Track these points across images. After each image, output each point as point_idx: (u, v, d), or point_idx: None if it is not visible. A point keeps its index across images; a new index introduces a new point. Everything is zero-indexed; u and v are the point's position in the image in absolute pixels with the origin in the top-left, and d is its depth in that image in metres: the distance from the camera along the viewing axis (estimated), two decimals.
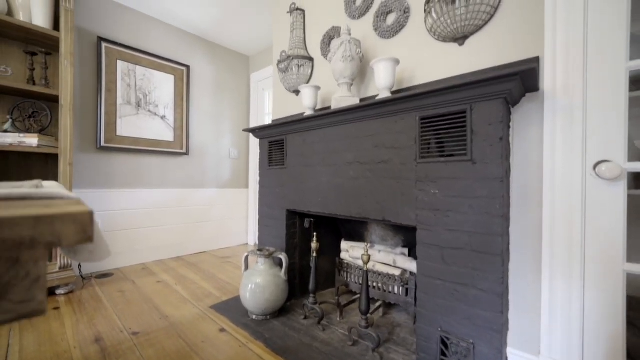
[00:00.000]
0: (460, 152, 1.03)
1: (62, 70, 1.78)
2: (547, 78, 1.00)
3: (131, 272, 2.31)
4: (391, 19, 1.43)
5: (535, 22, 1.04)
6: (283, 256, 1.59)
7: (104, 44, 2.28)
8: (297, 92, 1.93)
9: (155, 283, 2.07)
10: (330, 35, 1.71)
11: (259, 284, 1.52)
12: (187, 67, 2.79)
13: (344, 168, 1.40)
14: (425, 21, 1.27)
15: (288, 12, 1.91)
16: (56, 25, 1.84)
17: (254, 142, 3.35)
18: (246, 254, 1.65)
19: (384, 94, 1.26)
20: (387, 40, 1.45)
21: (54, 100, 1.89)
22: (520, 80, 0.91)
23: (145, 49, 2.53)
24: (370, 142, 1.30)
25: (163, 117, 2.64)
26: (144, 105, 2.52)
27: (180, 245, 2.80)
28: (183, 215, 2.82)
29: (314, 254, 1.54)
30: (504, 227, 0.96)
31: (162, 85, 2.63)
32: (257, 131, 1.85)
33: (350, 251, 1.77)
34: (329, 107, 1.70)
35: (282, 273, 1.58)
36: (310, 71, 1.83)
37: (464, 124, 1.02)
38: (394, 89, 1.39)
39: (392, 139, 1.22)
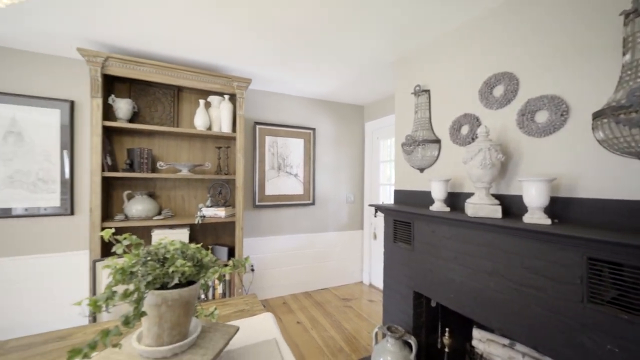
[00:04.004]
0: None
1: (237, 161, 2.43)
2: None
3: (276, 305, 2.88)
4: (541, 117, 1.31)
5: None
6: (413, 341, 1.68)
7: (257, 127, 2.94)
8: (421, 169, 1.97)
9: (296, 324, 2.52)
10: (461, 122, 1.68)
11: None
12: (313, 129, 3.25)
13: (482, 275, 1.37)
14: (593, 130, 1.12)
15: (412, 93, 1.99)
16: (233, 126, 2.51)
17: (368, 186, 3.55)
18: (375, 329, 1.82)
19: (537, 215, 1.17)
20: (535, 139, 1.33)
21: (231, 177, 2.60)
22: None
23: (283, 123, 3.11)
24: (516, 260, 1.23)
25: (296, 175, 3.17)
26: (283, 168, 3.10)
27: (307, 282, 3.27)
28: (309, 257, 3.28)
29: (447, 350, 1.55)
30: None
31: (295, 149, 3.16)
32: (383, 209, 2.00)
33: (486, 345, 1.68)
34: (458, 195, 1.68)
35: (412, 357, 1.67)
36: (436, 153, 1.85)
37: None
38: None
39: (545, 266, 1.13)
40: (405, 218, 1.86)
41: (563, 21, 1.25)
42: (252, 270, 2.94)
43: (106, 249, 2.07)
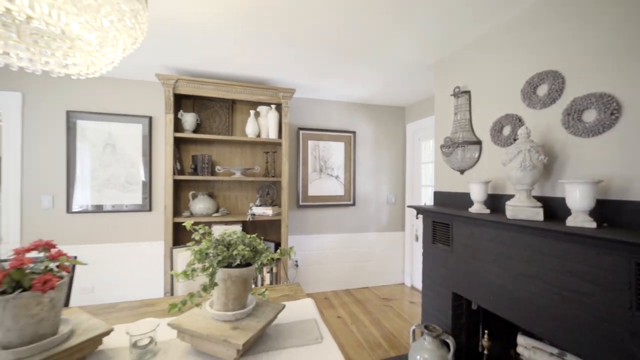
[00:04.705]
0: None
1: (283, 164, 2.66)
2: None
3: (318, 300, 3.05)
4: (589, 116, 1.25)
5: None
6: (450, 341, 1.69)
7: (301, 132, 3.16)
8: (462, 171, 1.96)
9: (336, 318, 2.65)
10: (502, 123, 1.65)
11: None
12: (354, 132, 3.36)
13: (522, 279, 1.35)
14: None
15: (452, 95, 1.99)
16: (279, 132, 2.75)
17: (410, 187, 3.53)
18: (413, 327, 1.86)
19: (580, 218, 1.14)
20: (583, 139, 1.27)
21: (277, 179, 2.84)
22: None
23: (324, 127, 3.28)
24: (558, 263, 1.20)
25: (337, 177, 3.31)
26: (324, 170, 3.27)
27: (349, 280, 3.39)
28: (350, 255, 3.40)
29: (486, 352, 1.55)
30: None
31: (336, 152, 3.30)
32: (422, 210, 2.04)
33: (531, 352, 1.62)
34: (500, 197, 1.65)
35: (450, 356, 1.68)
36: (477, 154, 1.83)
37: None
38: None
39: (590, 271, 1.09)
40: (444, 219, 1.87)
41: (612, 17, 1.18)
42: (296, 265, 3.16)
43: (176, 240, 2.46)
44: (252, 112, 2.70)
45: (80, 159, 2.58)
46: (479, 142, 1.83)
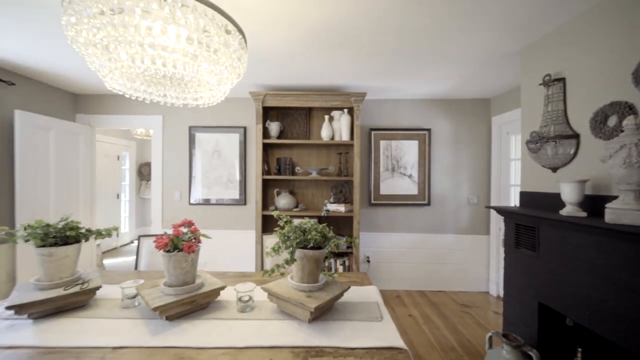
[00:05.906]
0: None
1: (355, 164, 2.83)
2: None
3: (389, 297, 3.11)
4: None
5: None
6: (534, 354, 1.55)
7: (372, 132, 3.26)
8: (553, 169, 1.74)
9: (407, 316, 2.67)
10: (607, 113, 1.42)
11: None
12: (428, 130, 3.26)
13: (627, 294, 1.16)
14: None
15: (541, 84, 1.78)
16: (351, 134, 2.93)
17: (496, 187, 3.20)
18: (489, 334, 1.76)
19: None
20: None
21: (349, 178, 3.02)
22: None
23: (396, 126, 3.29)
24: None
25: (410, 176, 3.28)
26: (397, 169, 3.28)
27: (423, 281, 3.31)
28: (425, 256, 3.31)
29: None
30: None
31: (409, 151, 3.27)
32: (502, 211, 1.89)
33: None
34: (603, 198, 1.42)
35: None
36: (573, 150, 1.60)
37: None
38: None
39: None
40: (529, 222, 1.71)
41: None
42: (368, 261, 3.28)
43: (263, 229, 2.91)
44: (326, 117, 2.96)
45: (196, 163, 3.32)
46: (575, 136, 1.60)
